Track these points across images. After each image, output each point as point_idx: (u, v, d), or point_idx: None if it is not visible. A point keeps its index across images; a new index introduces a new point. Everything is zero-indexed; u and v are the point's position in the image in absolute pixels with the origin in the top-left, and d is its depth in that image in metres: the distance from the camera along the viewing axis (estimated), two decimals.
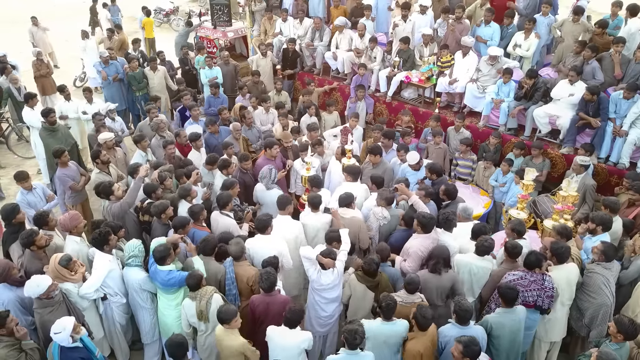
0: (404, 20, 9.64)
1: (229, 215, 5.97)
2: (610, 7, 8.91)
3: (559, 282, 4.95)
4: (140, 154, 7.39)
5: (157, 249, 4.99)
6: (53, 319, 4.37)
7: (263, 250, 5.27)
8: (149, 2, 16.46)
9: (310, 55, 10.69)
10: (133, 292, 5.21)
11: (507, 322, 4.63)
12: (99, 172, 6.84)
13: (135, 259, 5.16)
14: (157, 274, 5.00)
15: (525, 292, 4.82)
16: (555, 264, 5.04)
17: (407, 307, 4.71)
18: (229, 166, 6.78)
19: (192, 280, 4.78)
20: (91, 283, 5.02)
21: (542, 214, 6.57)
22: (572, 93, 7.63)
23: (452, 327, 4.48)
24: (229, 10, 11.95)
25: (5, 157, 10.32)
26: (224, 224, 5.89)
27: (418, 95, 9.50)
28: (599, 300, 5.03)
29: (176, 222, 5.49)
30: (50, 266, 4.92)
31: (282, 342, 4.44)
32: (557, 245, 5.02)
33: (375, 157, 6.96)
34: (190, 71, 10.96)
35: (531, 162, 7.46)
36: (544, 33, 8.78)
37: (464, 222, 5.78)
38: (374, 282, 5.02)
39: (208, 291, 4.80)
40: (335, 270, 4.99)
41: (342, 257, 5.09)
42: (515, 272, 4.98)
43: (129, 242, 5.26)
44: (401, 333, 4.54)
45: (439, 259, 4.99)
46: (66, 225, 5.45)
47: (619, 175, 7.33)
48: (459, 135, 8.15)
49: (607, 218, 5.56)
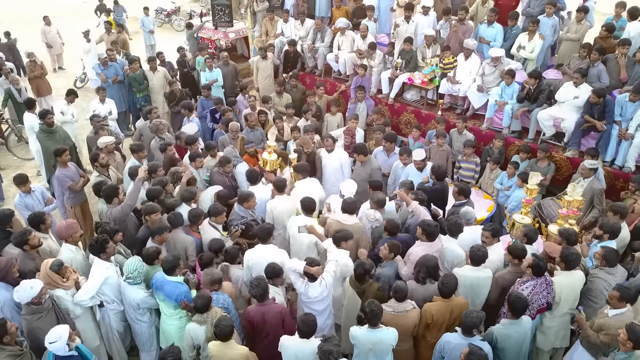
0: (406, 21, 9.55)
1: (216, 227, 5.81)
2: (614, 8, 8.80)
3: (562, 288, 4.84)
4: (135, 163, 7.14)
5: (167, 259, 4.82)
6: (41, 325, 4.29)
7: (263, 260, 5.12)
8: (150, 2, 16.41)
9: (312, 57, 10.61)
10: (129, 307, 5.09)
11: (512, 334, 4.51)
12: (99, 175, 6.75)
13: (132, 279, 4.98)
14: (164, 284, 4.82)
15: (540, 299, 4.73)
16: (563, 269, 4.93)
17: (400, 317, 4.58)
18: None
19: (200, 301, 4.47)
20: (86, 290, 4.92)
21: (547, 218, 6.46)
22: (577, 95, 7.52)
23: (457, 336, 4.36)
24: (230, 11, 11.89)
25: (5, 159, 10.26)
26: (208, 237, 5.69)
27: (420, 97, 9.41)
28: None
29: (155, 229, 5.37)
30: (42, 272, 4.83)
31: (296, 352, 4.31)
32: (568, 251, 4.88)
33: (361, 156, 6.97)
34: (189, 73, 10.88)
35: (536, 166, 7.36)
36: (548, 34, 8.67)
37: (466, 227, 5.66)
38: (361, 289, 4.88)
39: (217, 314, 4.53)
40: (324, 282, 4.82)
41: (330, 267, 4.94)
42: (526, 283, 4.83)
43: (128, 261, 5.03)
44: (389, 341, 4.40)
45: (422, 267, 4.86)
46: (61, 234, 5.35)
47: (625, 179, 7.23)
48: (461, 137, 8.06)
49: (617, 227, 5.46)
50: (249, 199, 6.01)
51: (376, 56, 9.45)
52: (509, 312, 4.53)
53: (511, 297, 4.51)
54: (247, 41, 12.53)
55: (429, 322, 4.66)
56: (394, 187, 6.98)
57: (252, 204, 6.07)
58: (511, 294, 4.59)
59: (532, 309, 4.77)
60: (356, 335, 4.37)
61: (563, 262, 4.90)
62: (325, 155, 7.37)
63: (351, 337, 4.48)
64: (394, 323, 4.50)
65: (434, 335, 4.72)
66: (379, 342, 4.38)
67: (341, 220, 5.68)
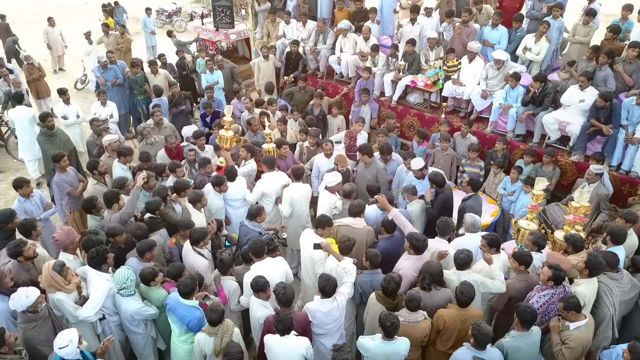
0: (412, 23, 9.45)
1: (201, 253, 5.42)
2: (621, 10, 8.71)
3: (587, 297, 4.70)
4: (121, 167, 7.07)
5: (184, 282, 4.63)
6: (37, 335, 4.22)
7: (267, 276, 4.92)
8: (150, 3, 16.34)
9: (314, 59, 10.52)
10: (125, 320, 4.97)
11: (522, 347, 4.40)
12: (96, 182, 6.65)
13: (126, 290, 4.85)
14: (178, 307, 4.67)
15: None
16: (586, 276, 4.78)
17: (411, 327, 4.49)
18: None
19: (214, 315, 4.38)
20: (92, 306, 4.75)
21: (553, 224, 6.37)
22: (583, 99, 7.43)
23: (467, 350, 4.26)
24: (231, 12, 11.81)
25: (5, 161, 10.18)
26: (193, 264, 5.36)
27: (424, 99, 9.32)
28: (599, 310, 4.86)
29: (142, 247, 5.13)
30: (44, 273, 4.73)
31: (280, 350, 4.28)
32: (595, 260, 4.73)
33: (364, 157, 6.88)
34: (188, 75, 10.80)
35: (541, 170, 7.27)
36: (554, 37, 8.58)
37: (473, 234, 5.58)
38: (393, 304, 4.71)
39: (229, 327, 4.46)
40: (336, 302, 4.64)
41: (344, 289, 4.76)
42: (544, 291, 4.73)
43: (117, 272, 4.90)
44: (402, 352, 4.33)
45: (426, 274, 4.75)
46: (64, 243, 5.22)
47: (631, 184, 7.14)
48: (465, 141, 7.96)
49: (622, 232, 5.36)
50: (261, 213, 5.89)
51: (379, 58, 9.36)
52: (518, 323, 4.42)
53: (520, 308, 4.40)
54: (249, 43, 12.46)
55: (441, 328, 4.57)
56: (397, 192, 6.88)
57: (264, 217, 5.96)
58: (519, 305, 4.48)
59: (546, 319, 4.68)
60: (369, 348, 4.24)
61: (587, 269, 4.74)
62: (323, 159, 7.26)
63: (362, 349, 4.40)
64: (404, 332, 4.41)
65: (444, 343, 4.63)
66: (393, 353, 4.30)
67: (351, 224, 5.58)
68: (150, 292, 5.00)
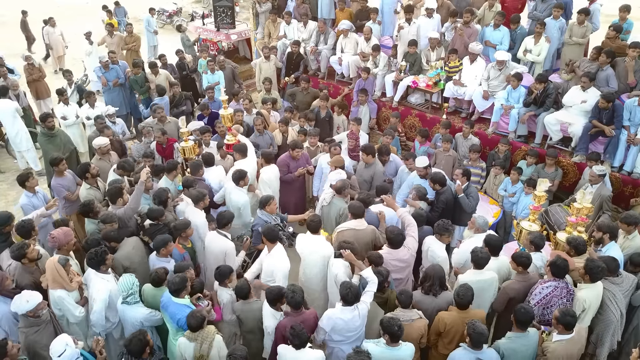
0: (408, 23, 9.44)
1: (226, 236, 5.60)
2: (619, 11, 8.68)
3: (589, 303, 4.67)
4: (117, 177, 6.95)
5: (173, 281, 4.63)
6: (39, 339, 4.19)
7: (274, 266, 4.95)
8: (152, 3, 16.33)
9: (315, 59, 10.50)
10: (131, 328, 4.83)
11: (519, 348, 4.35)
12: (89, 187, 6.53)
13: (133, 296, 4.78)
14: (169, 305, 4.66)
15: (558, 302, 4.64)
16: (587, 282, 4.73)
17: (407, 325, 4.43)
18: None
19: (194, 321, 4.33)
20: (98, 310, 4.73)
21: (555, 225, 6.35)
22: (585, 100, 7.41)
23: (464, 351, 4.23)
24: (232, 13, 11.79)
25: (5, 162, 10.16)
26: (218, 246, 5.51)
27: (425, 100, 9.30)
28: (604, 316, 4.83)
29: (157, 243, 5.19)
30: (49, 267, 4.71)
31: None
32: (593, 264, 4.66)
33: (368, 157, 6.87)
34: (188, 76, 10.77)
35: (543, 171, 7.25)
36: (555, 37, 8.56)
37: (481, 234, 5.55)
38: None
39: (210, 333, 4.38)
40: (357, 310, 4.50)
41: (367, 298, 4.59)
42: (547, 282, 4.70)
43: (121, 279, 4.83)
44: (407, 358, 4.26)
45: (434, 279, 4.72)
46: (61, 242, 5.21)
47: (634, 185, 7.12)
48: (467, 141, 7.94)
49: (614, 226, 5.38)
50: (270, 203, 5.89)
51: (380, 59, 9.34)
52: (514, 324, 4.38)
53: (516, 308, 4.37)
54: (250, 43, 12.44)
55: (442, 330, 4.55)
56: (399, 194, 6.85)
57: (274, 207, 5.96)
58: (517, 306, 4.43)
59: (548, 311, 4.66)
60: (373, 353, 4.16)
61: (587, 275, 4.69)
62: (327, 159, 7.21)
63: None
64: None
65: (446, 346, 4.61)
66: (397, 359, 4.23)
67: (354, 227, 5.53)
68: (158, 293, 4.92)
